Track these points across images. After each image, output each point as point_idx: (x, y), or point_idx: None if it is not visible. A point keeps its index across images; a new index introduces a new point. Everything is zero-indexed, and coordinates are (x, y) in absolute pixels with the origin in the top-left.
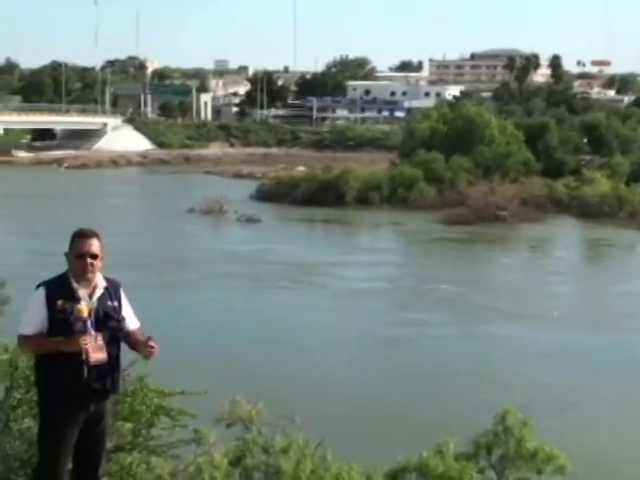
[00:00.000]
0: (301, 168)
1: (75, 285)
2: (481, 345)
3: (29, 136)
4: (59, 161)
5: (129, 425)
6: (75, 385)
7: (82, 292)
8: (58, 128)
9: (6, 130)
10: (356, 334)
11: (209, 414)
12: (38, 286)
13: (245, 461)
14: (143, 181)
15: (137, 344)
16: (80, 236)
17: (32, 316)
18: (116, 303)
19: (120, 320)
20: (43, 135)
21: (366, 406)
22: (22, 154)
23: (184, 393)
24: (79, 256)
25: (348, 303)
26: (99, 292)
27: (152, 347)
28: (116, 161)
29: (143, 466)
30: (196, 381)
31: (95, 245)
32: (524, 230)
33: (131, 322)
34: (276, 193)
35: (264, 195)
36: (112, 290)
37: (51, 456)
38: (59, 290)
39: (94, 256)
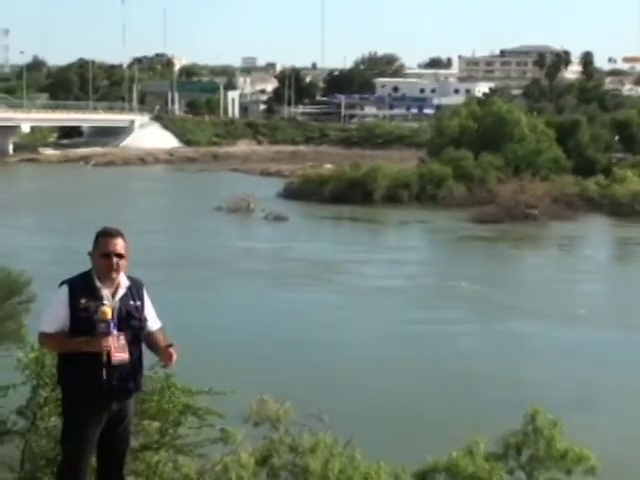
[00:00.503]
0: (329, 166)
1: (98, 284)
2: (503, 343)
3: (56, 134)
4: (86, 159)
5: (156, 424)
6: (97, 385)
7: (105, 291)
8: (85, 126)
9: (33, 128)
10: (378, 332)
11: (236, 413)
12: (61, 284)
13: (272, 460)
14: (170, 179)
15: (157, 348)
16: (105, 235)
17: (54, 314)
18: (139, 302)
19: (142, 320)
20: (70, 133)
21: (391, 404)
22: (49, 152)
23: (211, 392)
24: (105, 255)
25: (370, 301)
26: (122, 291)
27: (171, 354)
28: (143, 159)
29: (170, 465)
30: (221, 379)
31: (120, 244)
32: (554, 228)
33: (153, 322)
34: (304, 191)
35: (292, 193)
36: (135, 289)
37: (74, 455)
38: (82, 289)
39: (120, 255)
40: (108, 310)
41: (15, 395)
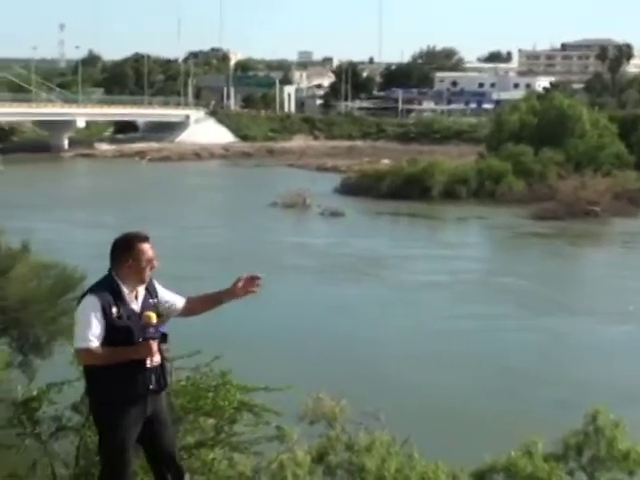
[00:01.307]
0: (386, 161)
1: (124, 288)
2: (551, 339)
3: (111, 129)
4: (141, 154)
5: (211, 421)
6: (136, 390)
7: (129, 295)
8: (140, 120)
9: (88, 123)
10: (427, 328)
11: (291, 411)
12: (84, 294)
13: (328, 458)
14: (225, 174)
15: (222, 293)
16: (142, 240)
17: (92, 327)
18: (155, 299)
19: (162, 316)
20: (125, 128)
21: (444, 402)
22: (104, 147)
23: (267, 389)
24: (148, 261)
25: (421, 297)
26: (142, 293)
27: (251, 280)
28: (199, 154)
29: (225, 462)
30: (271, 375)
31: (153, 248)
32: (616, 225)
33: (178, 299)
34: (360, 187)
35: (348, 189)
36: (150, 288)
37: (116, 464)
38: (109, 295)
39: (155, 259)
40: (152, 314)
41: (70, 391)
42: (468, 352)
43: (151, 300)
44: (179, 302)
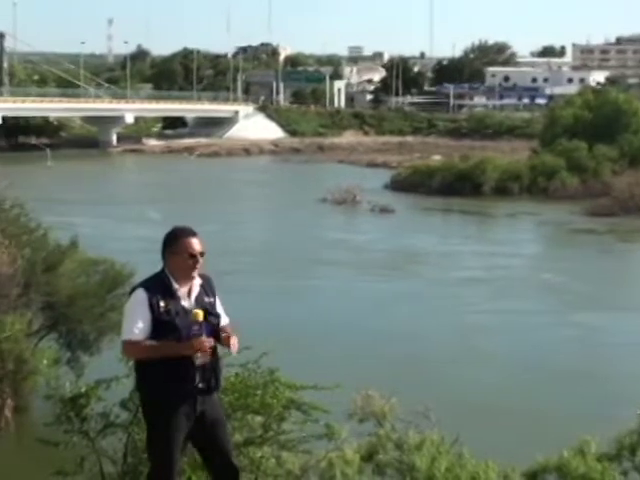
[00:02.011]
0: (437, 157)
1: (175, 284)
2: (591, 336)
3: (160, 124)
4: (190, 149)
5: (259, 419)
6: (184, 387)
7: (181, 291)
8: (189, 116)
9: (137, 118)
10: (465, 324)
11: (340, 408)
12: (134, 288)
13: (377, 457)
14: (275, 170)
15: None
16: (187, 235)
17: (138, 320)
18: (212, 299)
19: (217, 316)
20: (174, 123)
21: (492, 400)
22: (153, 142)
23: (316, 387)
24: (191, 256)
25: (465, 292)
26: (196, 289)
27: (228, 339)
28: (248, 149)
29: (273, 461)
30: (312, 371)
31: (200, 243)
32: None
33: (224, 317)
34: (411, 183)
35: (399, 185)
36: (207, 286)
37: (164, 463)
38: (159, 291)
39: (202, 254)
40: (200, 312)
41: (118, 387)
42: (510, 348)
43: (207, 299)
44: (223, 321)
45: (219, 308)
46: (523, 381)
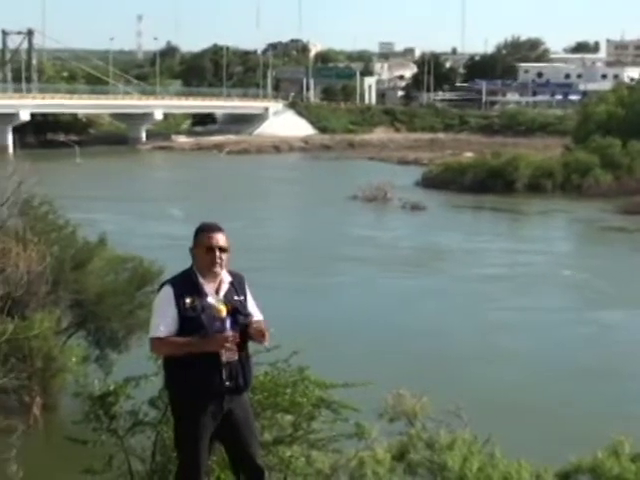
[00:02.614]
0: (469, 154)
1: (202, 280)
2: (615, 334)
3: (189, 121)
4: (219, 146)
5: (289, 417)
6: (210, 385)
7: (209, 287)
8: (219, 113)
9: (166, 115)
10: (494, 321)
11: (370, 407)
12: (162, 284)
13: (409, 456)
14: (304, 167)
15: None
16: (208, 230)
17: (163, 317)
18: (242, 297)
19: (247, 315)
20: (204, 120)
21: (519, 399)
22: (182, 139)
23: (346, 385)
24: (209, 249)
25: (491, 290)
26: (225, 287)
27: (262, 331)
28: (278, 146)
29: (302, 460)
30: (338, 369)
31: (223, 239)
32: None
33: (256, 316)
34: (443, 180)
35: (430, 182)
36: (237, 284)
37: (191, 459)
38: (186, 287)
39: (223, 249)
40: (223, 307)
41: (147, 385)
42: (535, 346)
43: (236, 297)
44: (257, 318)
45: (251, 307)
46: (548, 379)
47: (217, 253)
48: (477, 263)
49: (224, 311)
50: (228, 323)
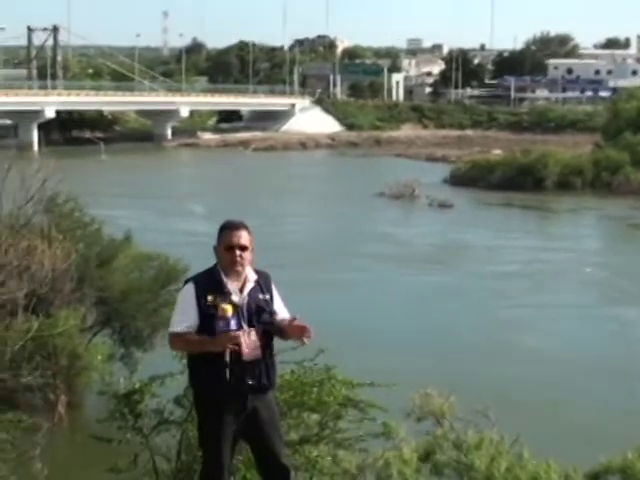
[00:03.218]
0: (498, 151)
1: (225, 279)
2: (625, 331)
3: (215, 118)
4: (245, 143)
5: (316, 416)
6: (225, 384)
7: (232, 286)
8: (245, 109)
9: (192, 112)
10: (496, 318)
11: (397, 406)
12: (186, 282)
13: (435, 457)
14: (332, 164)
15: (284, 329)
16: (228, 228)
17: (183, 313)
18: (267, 296)
19: (272, 313)
20: (230, 117)
21: (552, 399)
22: (208, 136)
23: (374, 384)
24: (228, 248)
25: (501, 286)
26: (250, 285)
27: (303, 326)
28: (304, 143)
29: (329, 459)
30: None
31: (244, 237)
32: None
33: (283, 315)
34: (471, 177)
35: (458, 179)
36: (263, 283)
37: (213, 458)
38: (208, 285)
39: (243, 248)
40: (228, 307)
41: (173, 384)
42: (560, 344)
43: (261, 295)
44: (283, 318)
45: (278, 305)
46: (575, 377)
47: (237, 252)
48: (503, 260)
49: (229, 311)
50: (233, 323)
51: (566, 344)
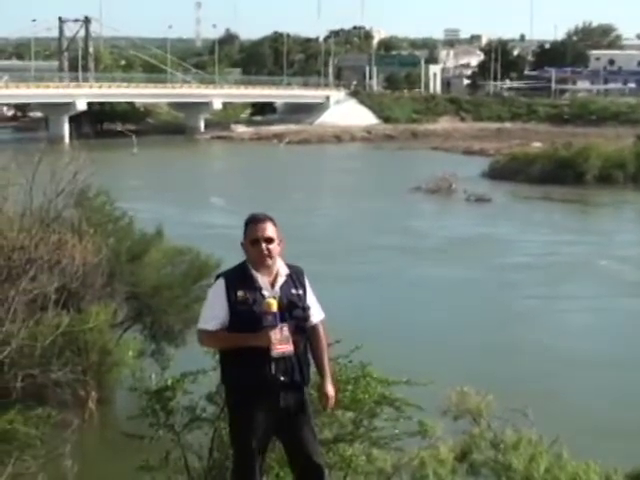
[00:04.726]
0: (537, 144)
1: (255, 274)
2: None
3: (249, 110)
4: (279, 136)
5: (350, 414)
6: (262, 380)
7: (263, 280)
8: (279, 102)
9: (225, 104)
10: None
11: (433, 404)
12: (217, 277)
13: (472, 456)
14: (367, 157)
15: (318, 370)
16: (253, 221)
17: (214, 309)
18: (300, 291)
19: (305, 308)
20: (263, 109)
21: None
22: (241, 129)
23: (409, 382)
24: (254, 241)
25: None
26: (282, 279)
27: (327, 398)
28: (339, 136)
29: (363, 458)
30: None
31: (269, 229)
32: None
33: (316, 312)
34: (510, 171)
35: (497, 173)
36: (295, 277)
37: (244, 456)
38: (239, 280)
39: (269, 240)
40: (273, 302)
41: (205, 380)
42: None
43: (294, 290)
44: (315, 315)
45: (311, 301)
46: (611, 376)
47: (263, 245)
48: (540, 255)
49: (274, 305)
50: (277, 317)
51: (606, 343)
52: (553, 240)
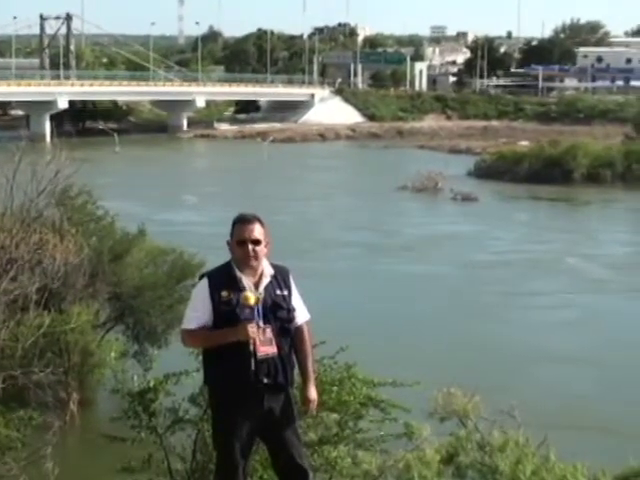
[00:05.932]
0: (524, 143)
1: (239, 274)
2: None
3: (232, 108)
4: (263, 134)
5: (335, 416)
6: (245, 382)
7: (247, 281)
8: (263, 100)
9: (208, 102)
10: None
11: (419, 406)
12: (201, 277)
13: (458, 459)
14: (352, 156)
15: (301, 375)
16: (241, 221)
17: (196, 309)
18: (285, 292)
19: (290, 310)
20: (247, 107)
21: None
22: (224, 127)
23: (395, 384)
24: (240, 243)
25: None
26: (266, 281)
27: (308, 401)
28: (324, 134)
29: (349, 460)
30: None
31: (257, 230)
32: None
33: (301, 313)
34: (497, 170)
35: (483, 172)
36: (280, 278)
37: (227, 458)
38: (222, 280)
39: (256, 242)
40: (250, 296)
41: (188, 382)
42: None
43: (279, 291)
44: (300, 316)
45: (296, 302)
46: (600, 377)
47: (250, 246)
48: (505, 252)
49: (252, 299)
50: (256, 313)
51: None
52: (531, 239)
